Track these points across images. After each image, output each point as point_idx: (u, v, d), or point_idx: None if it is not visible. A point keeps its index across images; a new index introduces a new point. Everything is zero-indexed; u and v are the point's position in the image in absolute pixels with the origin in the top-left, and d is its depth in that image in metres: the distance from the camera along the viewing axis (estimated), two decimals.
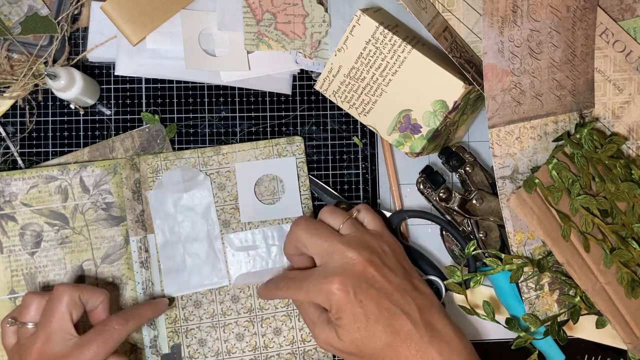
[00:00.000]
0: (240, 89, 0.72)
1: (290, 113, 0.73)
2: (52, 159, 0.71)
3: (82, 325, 0.65)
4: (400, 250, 0.65)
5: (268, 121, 0.72)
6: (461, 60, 0.63)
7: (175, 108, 0.72)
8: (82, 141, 0.71)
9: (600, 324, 0.67)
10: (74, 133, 0.71)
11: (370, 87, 0.64)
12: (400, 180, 0.72)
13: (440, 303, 0.64)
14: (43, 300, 0.63)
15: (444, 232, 0.71)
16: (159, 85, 0.72)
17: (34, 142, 0.71)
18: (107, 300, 0.65)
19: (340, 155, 0.73)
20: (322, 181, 0.72)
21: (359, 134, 0.73)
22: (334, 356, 0.71)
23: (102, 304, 0.64)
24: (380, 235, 0.65)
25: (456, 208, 0.69)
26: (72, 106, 0.71)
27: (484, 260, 0.68)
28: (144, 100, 0.72)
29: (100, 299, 0.64)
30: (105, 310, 0.65)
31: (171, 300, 0.70)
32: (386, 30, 0.62)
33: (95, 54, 0.71)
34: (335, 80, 0.65)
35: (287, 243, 0.66)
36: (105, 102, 0.72)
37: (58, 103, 0.71)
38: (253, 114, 0.72)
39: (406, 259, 0.65)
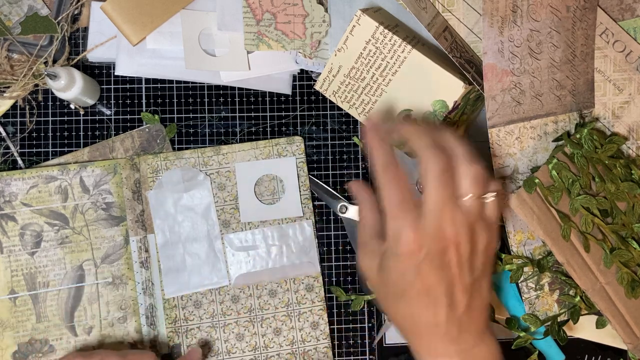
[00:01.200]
0: (240, 89, 0.72)
1: (290, 113, 0.73)
2: (52, 159, 0.71)
3: None
4: (492, 251, 0.60)
5: (268, 121, 0.72)
6: (461, 60, 0.63)
7: (175, 108, 0.72)
8: (82, 141, 0.71)
9: (600, 324, 0.67)
10: (74, 133, 0.71)
11: (370, 87, 0.64)
12: None
13: (488, 317, 0.60)
14: None
15: None
16: (159, 85, 0.72)
17: (34, 142, 0.71)
18: None
19: (340, 155, 0.73)
20: (322, 181, 0.72)
21: (359, 134, 0.73)
22: (334, 356, 0.71)
23: None
24: (488, 228, 0.58)
25: None
26: (72, 106, 0.71)
27: None
28: (144, 100, 0.72)
29: None
30: None
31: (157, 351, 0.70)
32: (386, 30, 0.62)
33: (95, 54, 0.71)
34: (335, 80, 0.65)
35: (414, 138, 0.58)
36: (105, 102, 0.72)
37: (58, 103, 0.71)
38: (253, 114, 0.72)
39: (492, 261, 0.60)
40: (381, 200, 0.57)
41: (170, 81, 0.72)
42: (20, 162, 0.71)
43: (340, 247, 0.72)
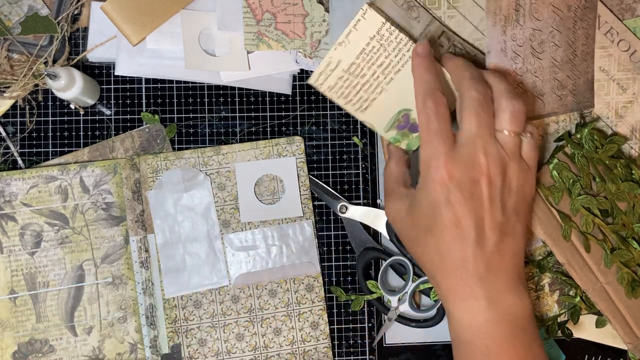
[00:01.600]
0: (240, 89, 0.72)
1: (290, 113, 0.72)
2: (52, 159, 0.71)
3: None
4: (529, 197, 0.58)
5: (268, 121, 0.72)
6: None
7: (175, 108, 0.72)
8: (82, 141, 0.71)
9: (600, 324, 0.67)
10: (74, 133, 0.71)
11: (370, 84, 0.63)
12: None
13: (522, 270, 0.58)
14: None
15: None
16: (159, 85, 0.72)
17: (34, 142, 0.71)
18: None
19: (340, 155, 0.72)
20: (322, 181, 0.72)
21: (359, 134, 0.72)
22: (334, 356, 0.71)
23: None
24: (523, 169, 0.57)
25: None
26: (72, 106, 0.71)
27: None
28: (144, 100, 0.72)
29: None
30: None
31: None
32: (392, 27, 0.61)
33: (95, 54, 0.71)
34: (332, 75, 0.63)
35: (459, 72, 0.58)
36: (105, 102, 0.72)
37: (58, 103, 0.72)
38: (253, 114, 0.72)
39: (527, 206, 0.59)
40: (419, 128, 0.57)
41: (170, 81, 0.72)
42: (20, 162, 0.71)
43: (340, 247, 0.72)
